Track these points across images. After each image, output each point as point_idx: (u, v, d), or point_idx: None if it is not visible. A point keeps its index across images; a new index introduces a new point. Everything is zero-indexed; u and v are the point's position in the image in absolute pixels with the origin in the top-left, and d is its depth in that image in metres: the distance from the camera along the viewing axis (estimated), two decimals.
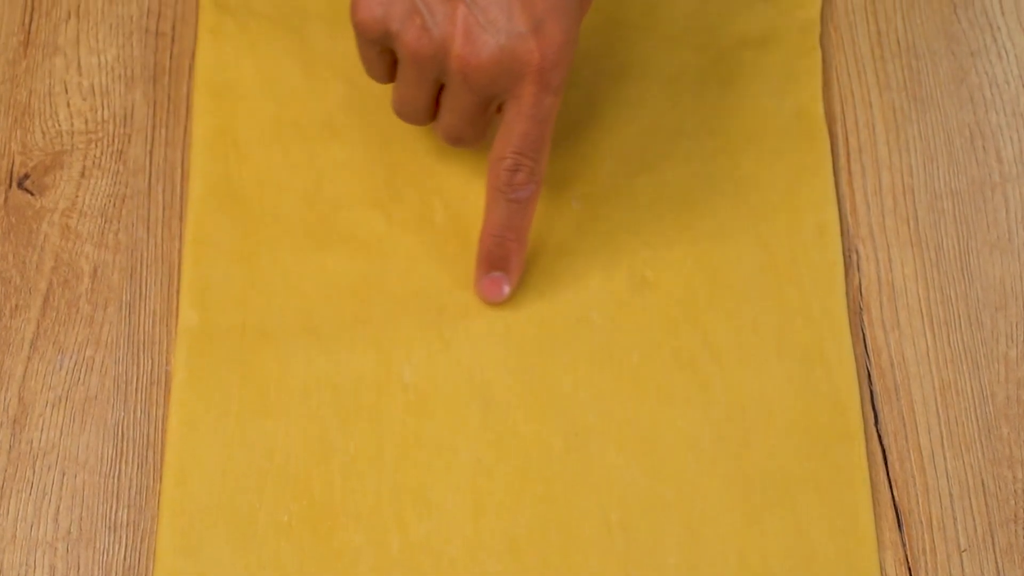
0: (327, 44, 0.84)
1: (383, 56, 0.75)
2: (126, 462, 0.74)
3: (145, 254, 0.79)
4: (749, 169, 0.81)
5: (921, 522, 0.73)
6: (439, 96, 0.75)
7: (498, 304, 0.77)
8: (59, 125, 0.82)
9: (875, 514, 0.73)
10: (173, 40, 0.85)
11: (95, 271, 0.78)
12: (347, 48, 0.83)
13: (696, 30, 0.85)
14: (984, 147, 0.83)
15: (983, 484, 0.74)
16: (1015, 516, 0.74)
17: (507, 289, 0.77)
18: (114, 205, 0.80)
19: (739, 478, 0.74)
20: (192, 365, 0.75)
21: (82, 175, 0.81)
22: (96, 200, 0.80)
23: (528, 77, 0.71)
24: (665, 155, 0.82)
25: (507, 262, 0.77)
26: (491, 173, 0.75)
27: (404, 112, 0.77)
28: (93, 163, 0.81)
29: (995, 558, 0.73)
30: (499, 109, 0.74)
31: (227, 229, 0.78)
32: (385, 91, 0.80)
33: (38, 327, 0.77)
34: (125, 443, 0.74)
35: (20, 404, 0.75)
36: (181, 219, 0.80)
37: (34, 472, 0.74)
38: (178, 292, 0.77)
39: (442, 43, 0.71)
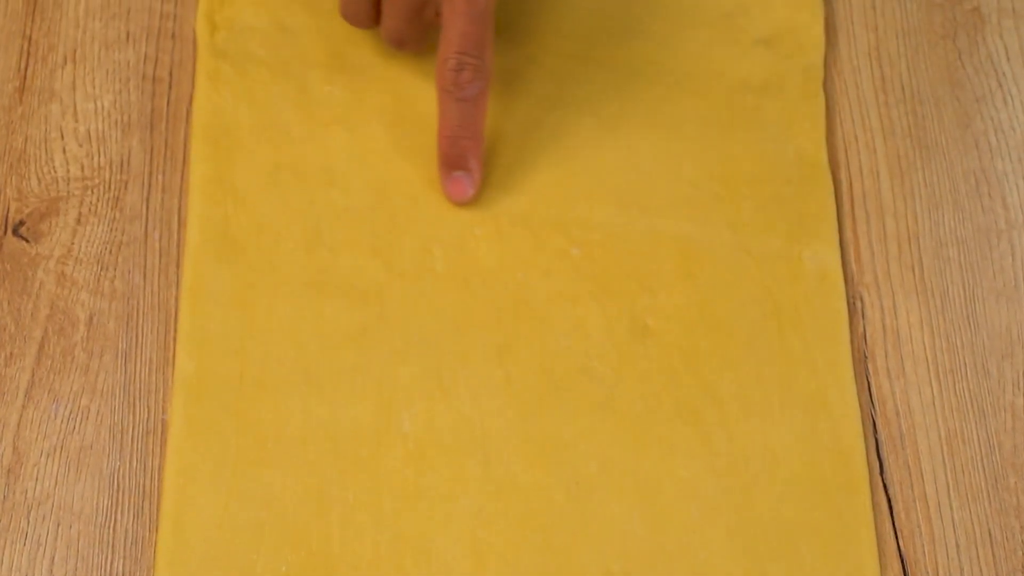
0: (325, 90, 0.84)
1: None
2: (122, 512, 0.73)
3: (142, 302, 0.78)
4: (751, 215, 0.81)
5: (927, 572, 0.73)
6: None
7: (465, 203, 0.80)
8: (55, 171, 0.82)
9: (880, 564, 0.73)
10: (170, 86, 0.84)
11: (91, 319, 0.78)
12: (346, 95, 0.83)
13: (698, 75, 0.85)
14: (990, 193, 0.83)
15: (990, 534, 0.74)
16: (1023, 567, 0.73)
17: (471, 189, 0.80)
18: (110, 252, 0.80)
19: (742, 529, 0.73)
20: (189, 414, 0.74)
21: (78, 222, 0.80)
22: (92, 247, 0.80)
23: None
24: (666, 201, 0.81)
25: (466, 160, 0.79)
26: (438, 75, 0.79)
27: (348, 14, 0.82)
28: (89, 210, 0.81)
29: None
30: (437, 15, 0.79)
31: (224, 277, 0.78)
32: (383, 140, 0.81)
33: (33, 375, 0.76)
34: (121, 493, 0.74)
35: (14, 453, 0.74)
36: (178, 266, 0.79)
37: (28, 523, 0.73)
38: (175, 340, 0.77)
39: None
